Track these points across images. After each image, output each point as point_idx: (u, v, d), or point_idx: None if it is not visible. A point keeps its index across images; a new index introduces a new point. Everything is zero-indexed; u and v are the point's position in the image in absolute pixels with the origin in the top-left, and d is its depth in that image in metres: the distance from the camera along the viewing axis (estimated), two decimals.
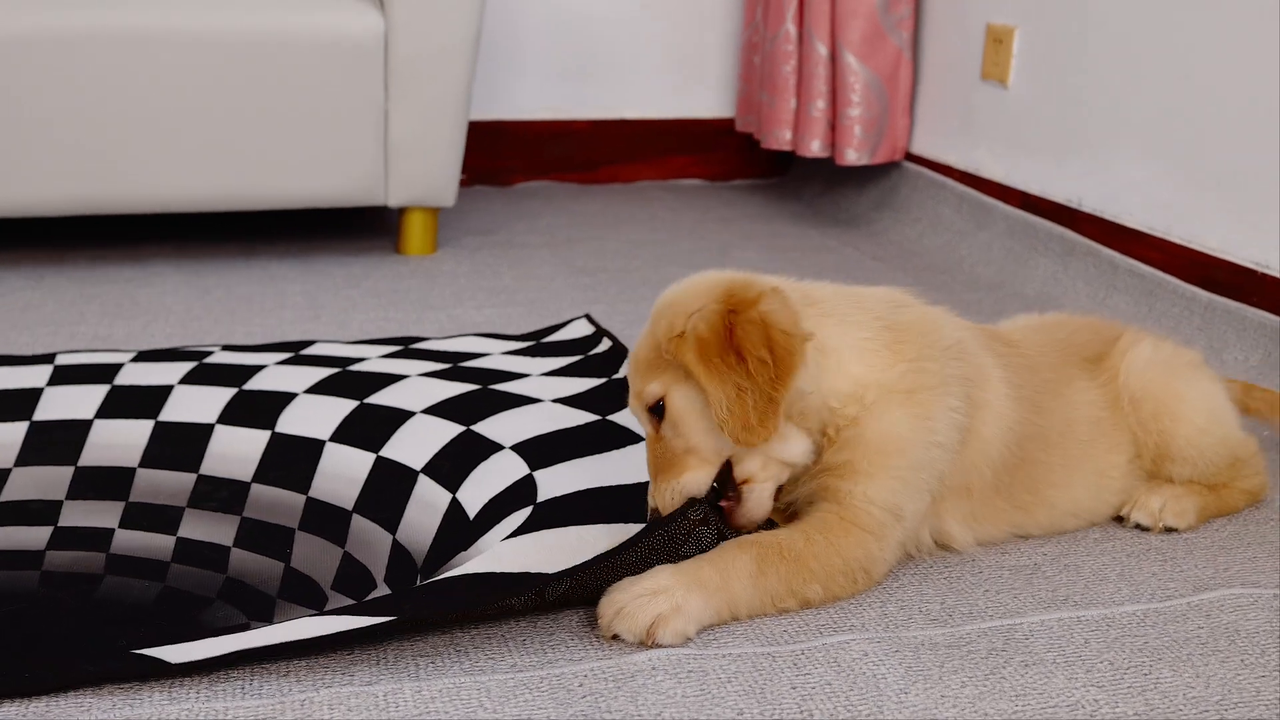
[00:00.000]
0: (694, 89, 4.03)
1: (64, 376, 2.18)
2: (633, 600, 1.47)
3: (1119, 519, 1.82)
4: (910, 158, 3.56)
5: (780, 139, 3.63)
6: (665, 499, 1.54)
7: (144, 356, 2.30)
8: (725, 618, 1.52)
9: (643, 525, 1.69)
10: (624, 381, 2.17)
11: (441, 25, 2.93)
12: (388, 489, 1.84)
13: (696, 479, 1.54)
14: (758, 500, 1.56)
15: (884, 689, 1.40)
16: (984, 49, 3.23)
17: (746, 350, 1.49)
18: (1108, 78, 2.85)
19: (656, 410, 1.55)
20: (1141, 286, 2.67)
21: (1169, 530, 1.79)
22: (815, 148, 3.54)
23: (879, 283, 2.96)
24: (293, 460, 1.93)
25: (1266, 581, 1.66)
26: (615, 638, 1.48)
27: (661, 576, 1.50)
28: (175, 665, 1.36)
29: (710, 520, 1.56)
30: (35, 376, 2.17)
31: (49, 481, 1.85)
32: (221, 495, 1.82)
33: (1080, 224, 2.90)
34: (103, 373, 2.22)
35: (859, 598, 1.59)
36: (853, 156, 3.47)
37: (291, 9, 2.87)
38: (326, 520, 1.76)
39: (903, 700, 1.38)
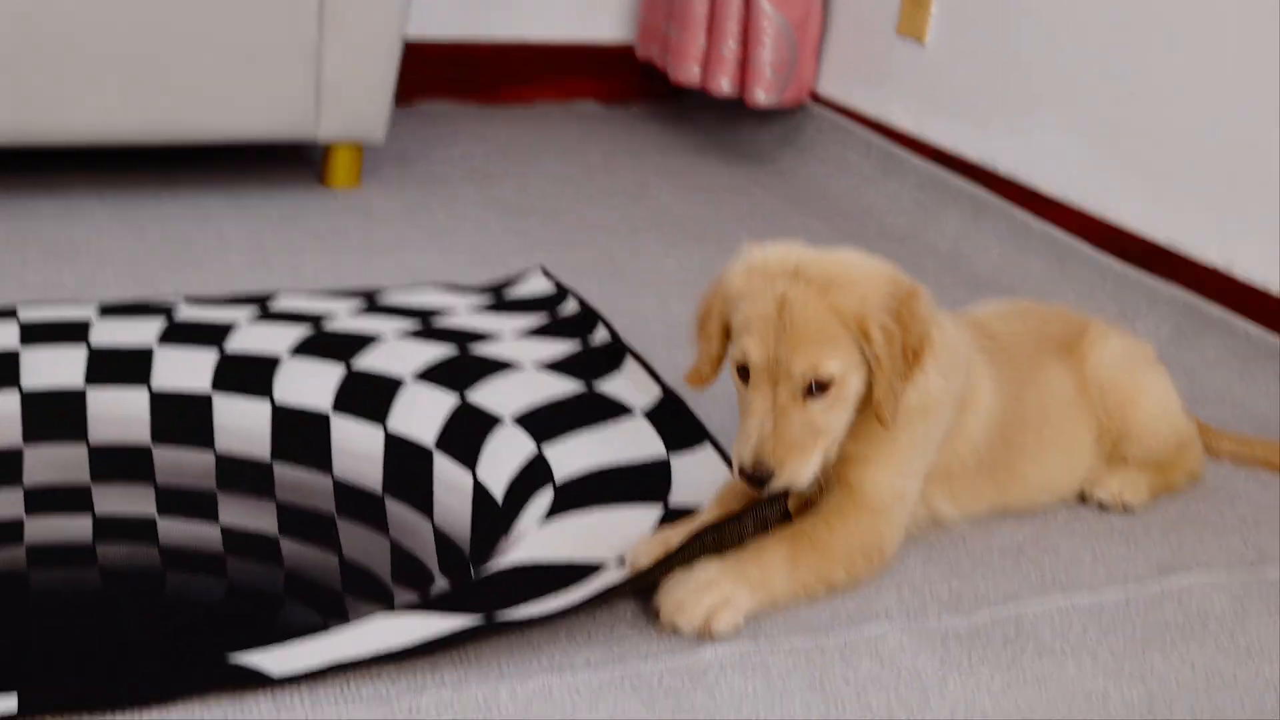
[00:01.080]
0: (594, 14, 4.07)
1: (35, 335, 2.18)
2: (690, 595, 1.59)
3: (1081, 496, 2.00)
4: (816, 99, 3.67)
5: (689, 74, 3.70)
6: (801, 476, 1.61)
7: (109, 311, 2.30)
8: (765, 607, 1.65)
9: (660, 505, 1.81)
10: (607, 350, 2.27)
11: None
12: (409, 468, 1.91)
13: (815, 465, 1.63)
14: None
15: (925, 681, 1.56)
16: (901, 5, 3.35)
17: (909, 349, 1.63)
18: (1029, 45, 3.00)
19: (817, 386, 1.62)
20: (1055, 251, 2.85)
21: (1126, 507, 1.98)
22: (724, 86, 3.63)
23: (795, 226, 3.10)
24: (302, 435, 1.99)
25: (1215, 562, 1.86)
26: (674, 629, 1.59)
27: (710, 570, 1.62)
28: (277, 677, 1.44)
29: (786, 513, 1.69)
30: (4, 335, 2.16)
31: (66, 462, 1.87)
32: (248, 475, 1.87)
33: (994, 184, 3.07)
34: (73, 331, 2.21)
35: (875, 585, 1.74)
36: (762, 98, 3.57)
37: None
38: (361, 505, 1.83)
39: (944, 692, 1.54)
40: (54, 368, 2.10)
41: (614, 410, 2.10)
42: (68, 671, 1.44)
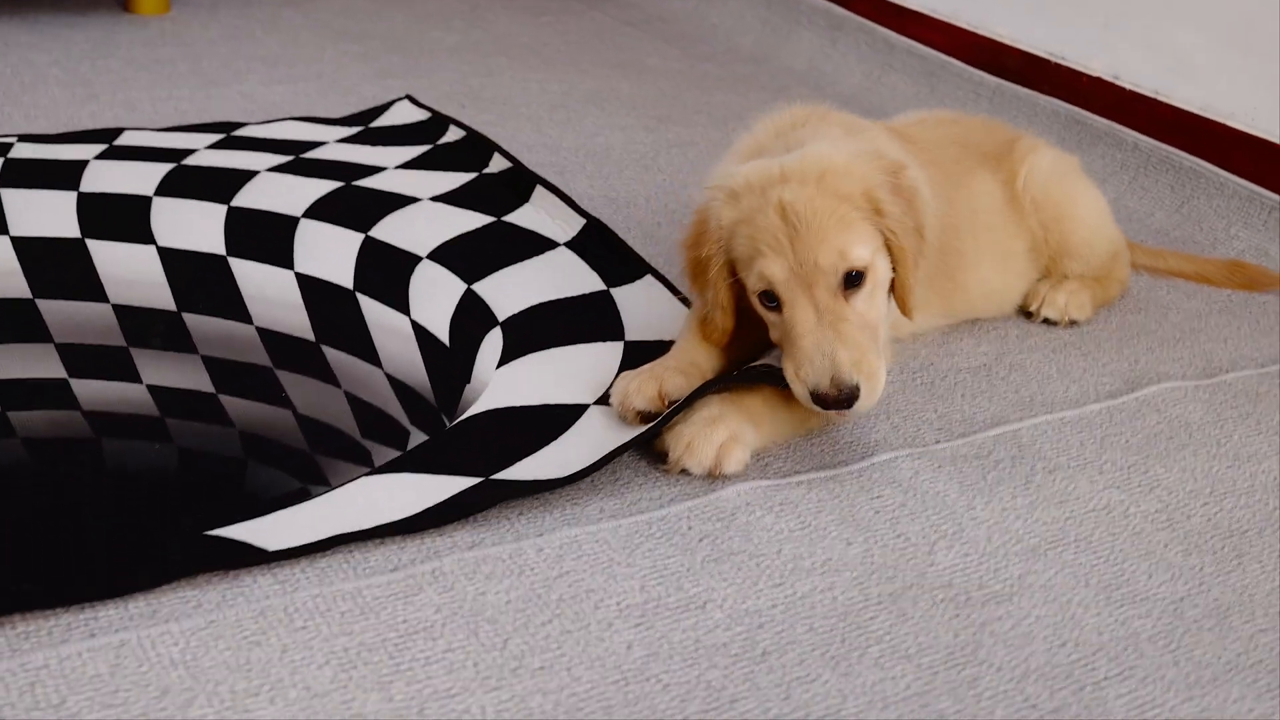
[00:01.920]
0: None
1: None
2: (699, 433, 1.47)
3: (1027, 315, 1.96)
4: None
5: None
6: (877, 392, 1.45)
7: None
8: (766, 443, 1.55)
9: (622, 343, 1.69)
10: (504, 178, 2.10)
11: None
12: (335, 314, 1.72)
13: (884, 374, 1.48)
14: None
15: (952, 505, 1.49)
16: None
17: (917, 225, 1.53)
18: None
19: (851, 277, 1.48)
20: (922, 67, 2.79)
21: (1073, 323, 1.94)
22: None
23: (645, 49, 2.95)
24: (203, 282, 1.76)
25: (1173, 372, 1.84)
26: (683, 472, 1.47)
27: (714, 405, 1.51)
28: (273, 552, 1.26)
29: None
30: None
31: None
32: (157, 329, 1.64)
33: (851, 0, 2.97)
34: None
35: (868, 419, 1.65)
36: None
37: None
38: (295, 354, 1.63)
39: (975, 515, 1.48)
40: None
41: (536, 244, 1.94)
42: (25, 559, 1.22)
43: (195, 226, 1.88)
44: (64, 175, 1.96)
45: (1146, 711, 1.23)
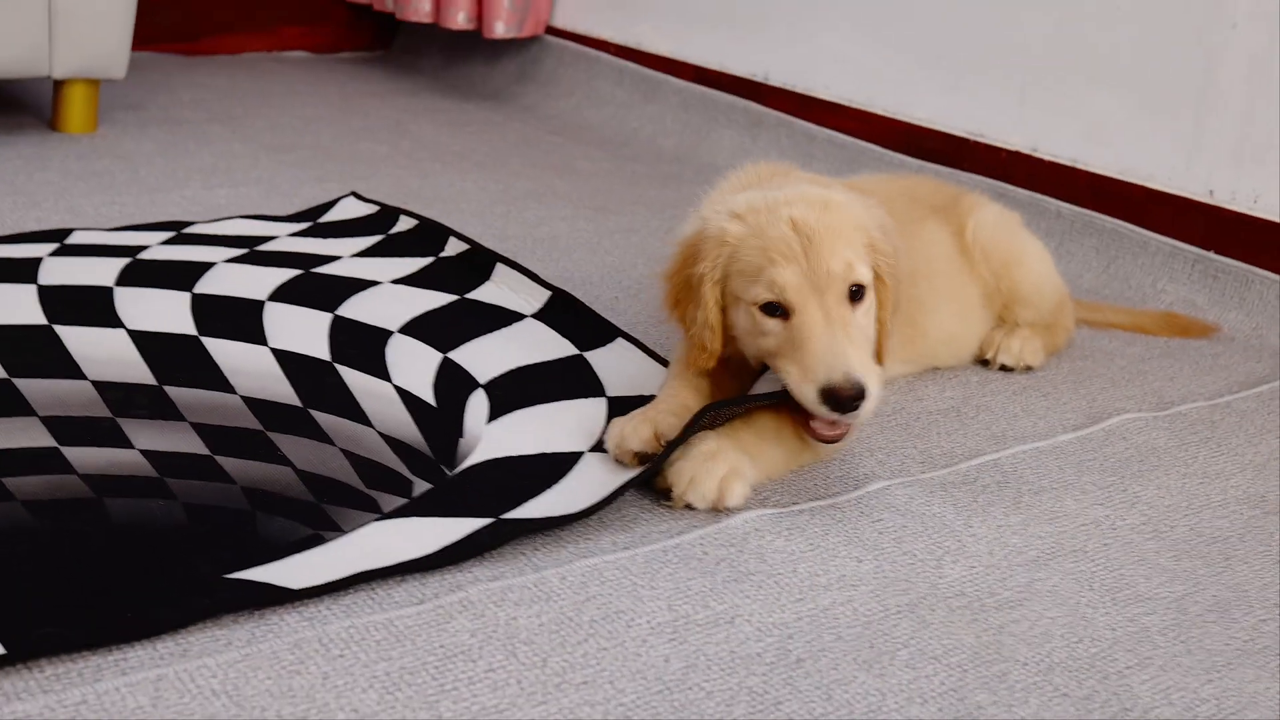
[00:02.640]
0: None
1: None
2: (700, 468, 1.49)
3: (984, 363, 2.01)
4: (552, 31, 3.58)
5: (419, 11, 3.54)
6: (876, 396, 1.48)
7: None
8: (762, 478, 1.57)
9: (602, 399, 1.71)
10: (462, 259, 2.12)
11: None
12: (316, 384, 1.72)
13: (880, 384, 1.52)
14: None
15: (951, 524, 1.52)
16: None
17: (899, 277, 1.62)
18: None
19: (855, 290, 1.54)
20: (843, 155, 2.88)
21: (1028, 368, 2.00)
22: (461, 20, 3.49)
23: (572, 153, 3.01)
24: (179, 357, 1.75)
25: (1130, 408, 1.91)
26: (687, 506, 1.49)
27: (710, 441, 1.53)
28: (298, 590, 1.25)
29: None
30: None
31: None
32: (141, 401, 1.63)
33: (766, 97, 3.07)
34: None
35: (853, 455, 1.68)
36: (501, 29, 3.46)
37: None
38: (285, 419, 1.62)
39: (974, 533, 1.51)
40: None
41: (504, 316, 1.96)
42: (42, 608, 1.19)
43: (162, 311, 1.87)
44: (20, 271, 1.95)
45: (1172, 695, 1.26)
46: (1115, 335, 2.20)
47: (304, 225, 2.30)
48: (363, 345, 1.83)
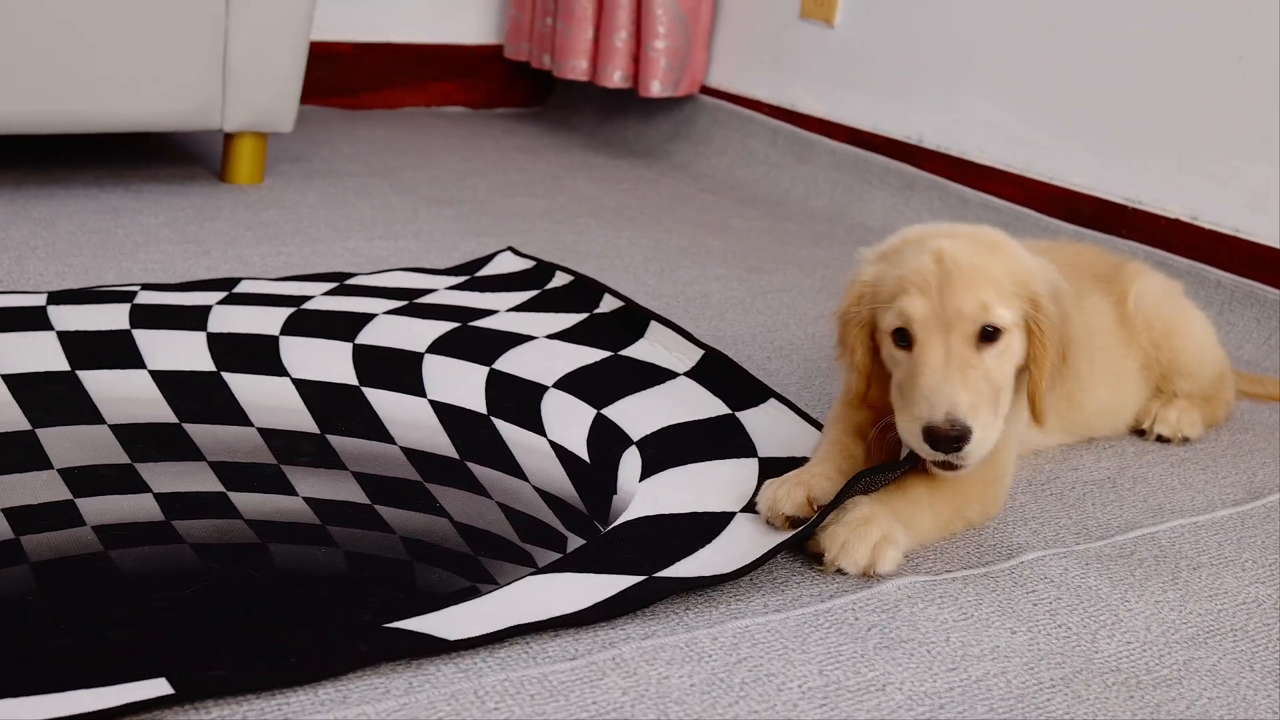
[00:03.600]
0: (458, 14, 3.93)
1: None
2: (853, 533, 1.49)
3: (1140, 433, 1.98)
4: (706, 90, 3.62)
5: (576, 69, 3.60)
6: (988, 440, 1.49)
7: (58, 298, 2.06)
8: (914, 545, 1.56)
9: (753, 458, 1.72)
10: (616, 316, 2.15)
11: None
12: (474, 436, 1.76)
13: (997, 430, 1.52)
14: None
15: (1106, 598, 1.50)
16: None
17: (1065, 344, 1.60)
18: (946, 17, 3.01)
19: (987, 332, 1.52)
20: (998, 220, 2.86)
21: (1185, 440, 1.97)
22: (617, 78, 3.54)
23: (725, 210, 3.04)
24: (341, 407, 1.80)
25: None
26: (839, 571, 1.49)
27: (864, 506, 1.53)
28: (454, 641, 1.27)
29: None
30: None
31: (94, 443, 1.64)
32: (305, 449, 1.68)
33: (921, 160, 3.06)
34: (30, 318, 1.98)
35: (1000, 524, 1.67)
36: (657, 88, 3.50)
37: None
38: (442, 470, 1.66)
39: (1130, 607, 1.48)
40: (25, 352, 1.86)
41: (657, 374, 1.98)
42: (213, 651, 1.24)
43: (325, 361, 1.93)
44: (191, 318, 2.03)
45: None
46: (1277, 408, 2.15)
47: (462, 279, 2.35)
48: (518, 400, 1.87)
